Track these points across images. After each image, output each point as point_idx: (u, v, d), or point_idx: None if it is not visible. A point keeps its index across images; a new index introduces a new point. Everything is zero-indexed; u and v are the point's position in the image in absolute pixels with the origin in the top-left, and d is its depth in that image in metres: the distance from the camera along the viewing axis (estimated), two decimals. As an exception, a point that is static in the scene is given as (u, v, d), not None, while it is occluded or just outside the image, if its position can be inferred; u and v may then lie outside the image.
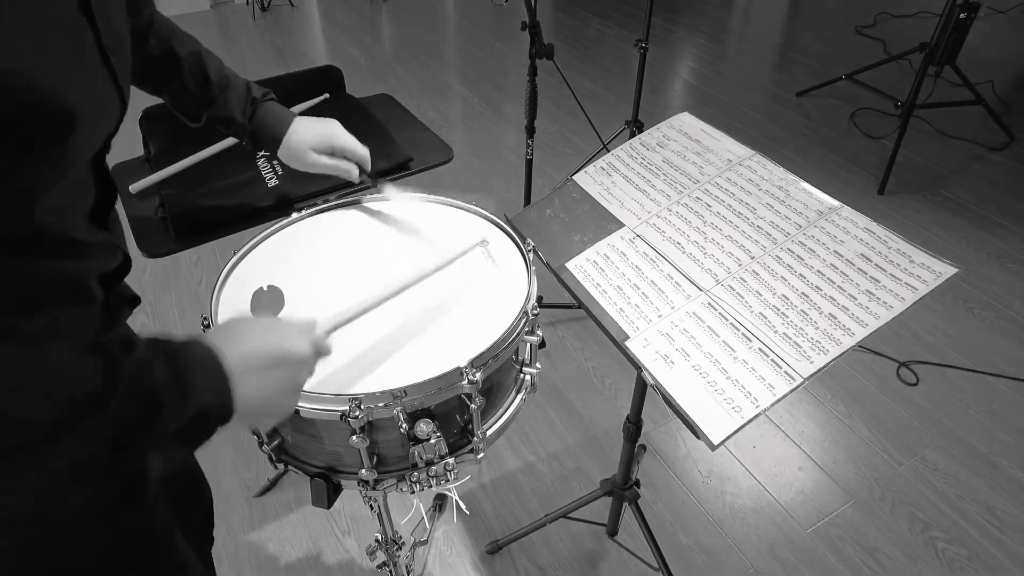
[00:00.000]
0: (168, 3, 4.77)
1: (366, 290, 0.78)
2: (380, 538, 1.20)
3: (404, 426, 0.74)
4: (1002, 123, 3.22)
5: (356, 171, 1.06)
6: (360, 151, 1.06)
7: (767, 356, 0.80)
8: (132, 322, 0.81)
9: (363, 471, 0.79)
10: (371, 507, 1.11)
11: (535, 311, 0.85)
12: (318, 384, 0.75)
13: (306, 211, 1.04)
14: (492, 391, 0.84)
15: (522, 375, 0.92)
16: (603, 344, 2.16)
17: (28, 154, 0.52)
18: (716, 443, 0.75)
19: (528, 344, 0.89)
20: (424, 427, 0.76)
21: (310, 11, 5.13)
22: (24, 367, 0.47)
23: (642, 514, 1.43)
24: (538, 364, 0.93)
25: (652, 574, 1.54)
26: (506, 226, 0.99)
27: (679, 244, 0.95)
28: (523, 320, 0.83)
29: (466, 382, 0.74)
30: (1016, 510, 1.67)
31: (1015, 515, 1.66)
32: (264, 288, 0.89)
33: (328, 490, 0.81)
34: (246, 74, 1.05)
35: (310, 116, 1.07)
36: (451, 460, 0.82)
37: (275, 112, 1.03)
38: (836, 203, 0.92)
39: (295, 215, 1.03)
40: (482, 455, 0.85)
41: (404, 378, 0.73)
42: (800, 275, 0.86)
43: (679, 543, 1.62)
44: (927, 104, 2.96)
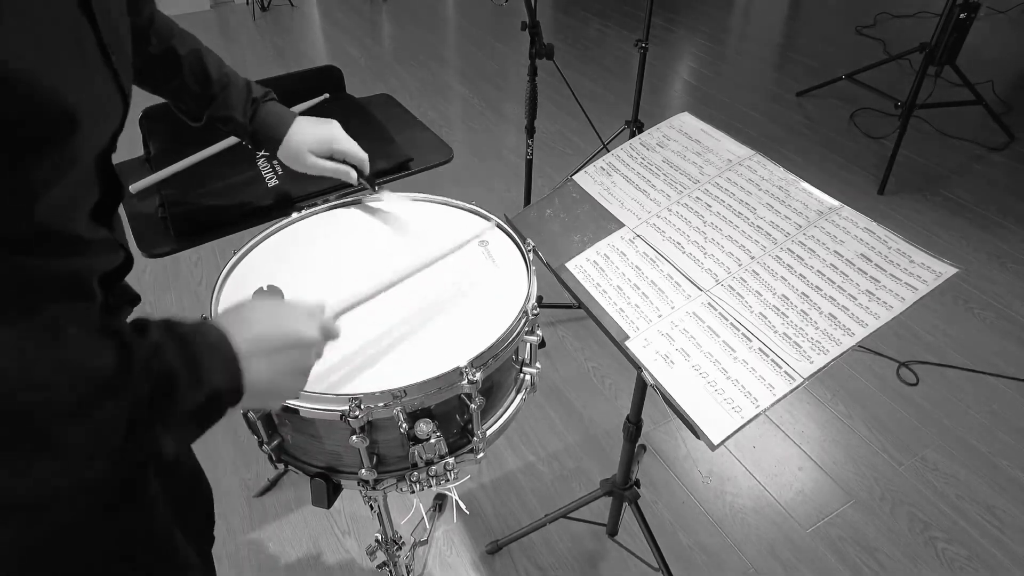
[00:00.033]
0: (168, 3, 4.76)
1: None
2: (380, 538, 1.20)
3: (404, 426, 0.74)
4: (1002, 123, 3.22)
5: (355, 174, 1.06)
6: (359, 155, 1.06)
7: (767, 356, 0.80)
8: (132, 322, 0.81)
9: (363, 471, 0.79)
10: (371, 507, 1.11)
11: (535, 311, 0.85)
12: (318, 384, 0.75)
13: (306, 211, 1.04)
14: (492, 391, 0.84)
15: (522, 375, 0.92)
16: (603, 344, 2.16)
17: (29, 154, 0.52)
18: (716, 443, 0.75)
19: (528, 344, 0.89)
20: (424, 427, 0.76)
21: (310, 11, 5.13)
22: (42, 352, 0.48)
23: (642, 514, 1.43)
24: (538, 364, 0.93)
25: (652, 574, 1.54)
26: (506, 226, 0.99)
27: (679, 244, 0.95)
28: (523, 320, 0.83)
29: (466, 382, 0.74)
30: (1016, 510, 1.67)
31: (1015, 515, 1.66)
32: (264, 288, 0.89)
33: (328, 490, 0.81)
34: (246, 74, 1.05)
35: (311, 116, 1.07)
36: (451, 460, 0.82)
37: (276, 112, 1.03)
38: (836, 203, 0.92)
39: (295, 215, 1.03)
40: (482, 455, 0.85)
41: (404, 378, 0.73)
42: (800, 275, 0.86)
43: (679, 543, 1.62)
44: (927, 104, 2.96)
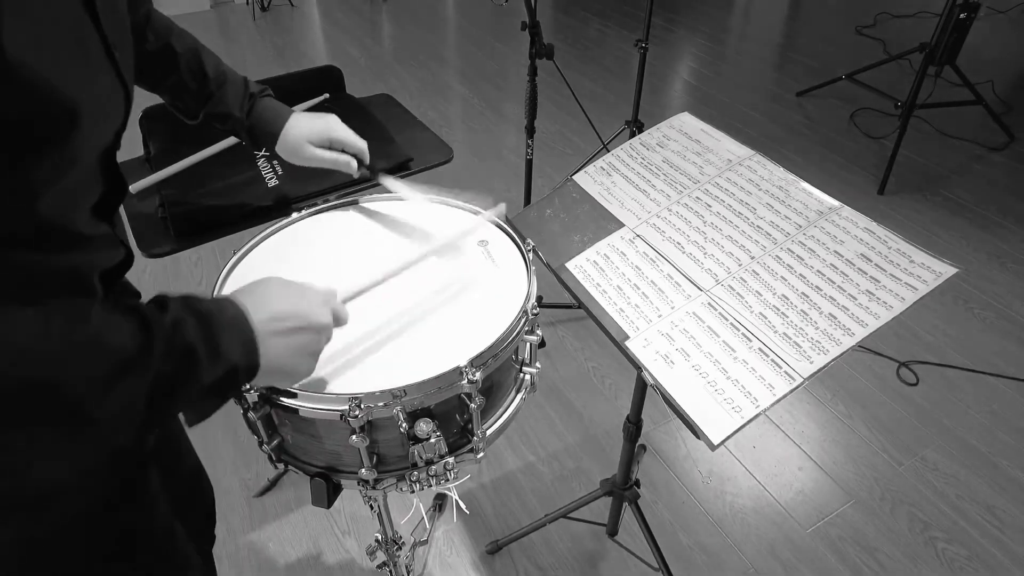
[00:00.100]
0: (168, 3, 4.77)
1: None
2: (380, 538, 1.20)
3: (404, 425, 0.74)
4: (1002, 123, 3.22)
5: (355, 163, 1.06)
6: (358, 143, 1.05)
7: (767, 356, 0.80)
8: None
9: (363, 471, 0.79)
10: (371, 507, 1.11)
11: (535, 311, 0.85)
12: (318, 383, 0.75)
13: (306, 211, 1.04)
14: (492, 390, 0.84)
15: (522, 375, 0.92)
16: (603, 344, 2.16)
17: (29, 154, 0.52)
18: (716, 443, 0.75)
19: (528, 344, 0.89)
20: (424, 426, 0.76)
21: (310, 11, 5.13)
22: (68, 329, 0.49)
23: (642, 514, 1.43)
24: (538, 364, 0.92)
25: (652, 574, 1.54)
26: (506, 226, 0.99)
27: (679, 244, 0.95)
28: (523, 320, 0.83)
29: (466, 381, 0.74)
30: (1016, 510, 1.67)
31: (1015, 515, 1.66)
32: None
33: (328, 490, 0.81)
34: (246, 74, 1.05)
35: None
36: (451, 460, 0.82)
37: (272, 107, 1.03)
38: (836, 203, 0.92)
39: (295, 215, 1.03)
40: (482, 455, 0.85)
41: (404, 377, 0.73)
42: (800, 275, 0.86)
43: (679, 543, 1.62)
44: (927, 104, 2.96)
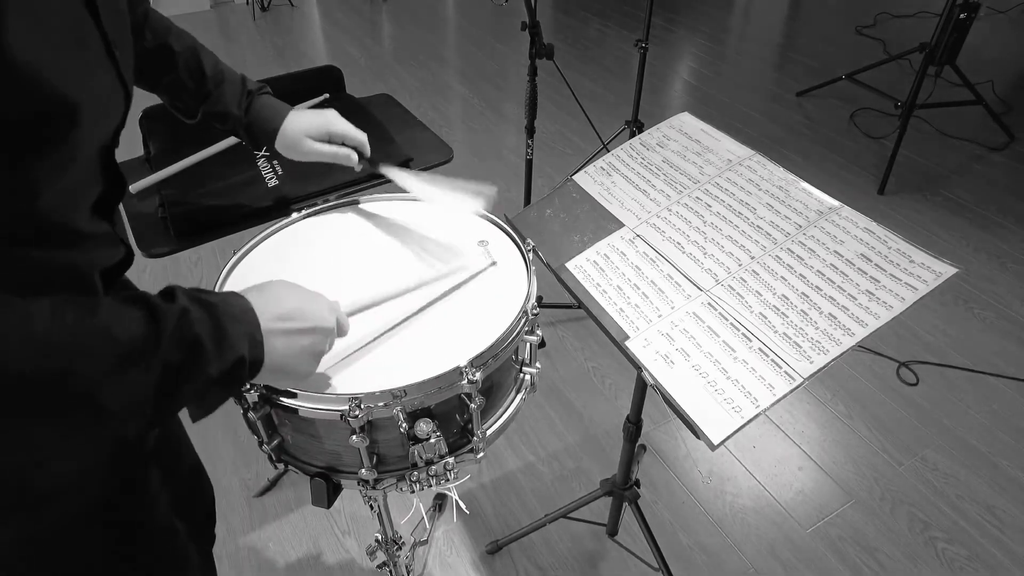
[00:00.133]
0: (168, 3, 4.77)
1: (374, 285, 0.82)
2: (380, 538, 1.20)
3: (404, 425, 0.74)
4: (1002, 123, 3.22)
5: (355, 156, 1.05)
6: (358, 136, 1.05)
7: (767, 356, 0.80)
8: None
9: (363, 471, 0.79)
10: (371, 507, 1.11)
11: (535, 311, 0.85)
12: (318, 384, 0.75)
13: (306, 211, 1.04)
14: (492, 391, 0.84)
15: (522, 375, 0.92)
16: (603, 344, 2.16)
17: (29, 154, 0.52)
18: (716, 443, 0.75)
19: (528, 344, 0.89)
20: (424, 427, 0.76)
21: (310, 11, 5.13)
22: (79, 319, 0.50)
23: (642, 514, 1.43)
24: (538, 364, 0.92)
25: (652, 574, 1.54)
26: (506, 226, 0.99)
27: (679, 244, 0.95)
28: (523, 320, 0.83)
29: (466, 381, 0.74)
30: (1016, 510, 1.67)
31: (1015, 515, 1.66)
32: None
33: (328, 490, 0.81)
34: (246, 74, 1.04)
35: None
36: (451, 460, 0.82)
37: (271, 105, 1.03)
38: (836, 203, 0.92)
39: (295, 215, 1.02)
40: (482, 455, 0.85)
41: (404, 377, 0.73)
42: (800, 275, 0.86)
43: (679, 543, 1.62)
44: (927, 104, 2.96)
